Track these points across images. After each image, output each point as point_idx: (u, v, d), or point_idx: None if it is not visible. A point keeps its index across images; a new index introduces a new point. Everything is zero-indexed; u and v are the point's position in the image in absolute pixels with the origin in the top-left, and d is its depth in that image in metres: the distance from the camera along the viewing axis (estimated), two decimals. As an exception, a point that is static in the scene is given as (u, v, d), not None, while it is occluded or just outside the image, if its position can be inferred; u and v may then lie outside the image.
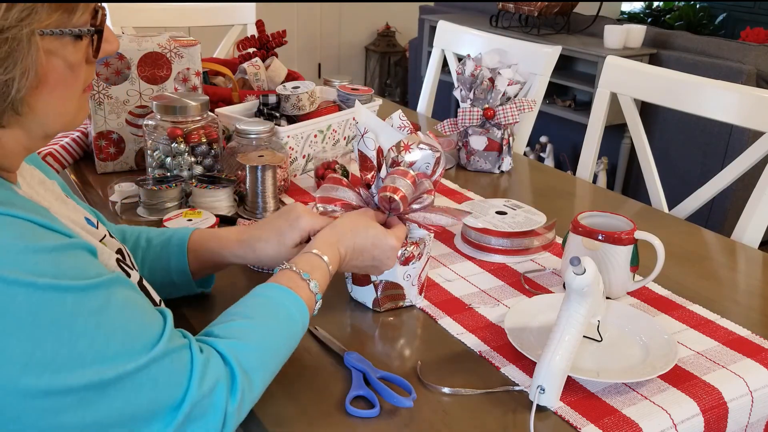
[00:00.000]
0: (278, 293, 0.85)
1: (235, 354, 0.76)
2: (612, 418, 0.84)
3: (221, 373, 0.74)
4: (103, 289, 0.68)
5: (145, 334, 0.70)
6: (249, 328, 0.80)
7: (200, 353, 0.74)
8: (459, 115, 1.65)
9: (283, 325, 0.83)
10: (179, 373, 0.71)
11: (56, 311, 0.64)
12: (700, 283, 1.18)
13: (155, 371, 0.69)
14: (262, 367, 0.79)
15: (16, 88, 0.66)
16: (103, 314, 0.67)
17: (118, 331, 0.67)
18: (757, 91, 1.48)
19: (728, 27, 5.75)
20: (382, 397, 0.86)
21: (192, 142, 1.38)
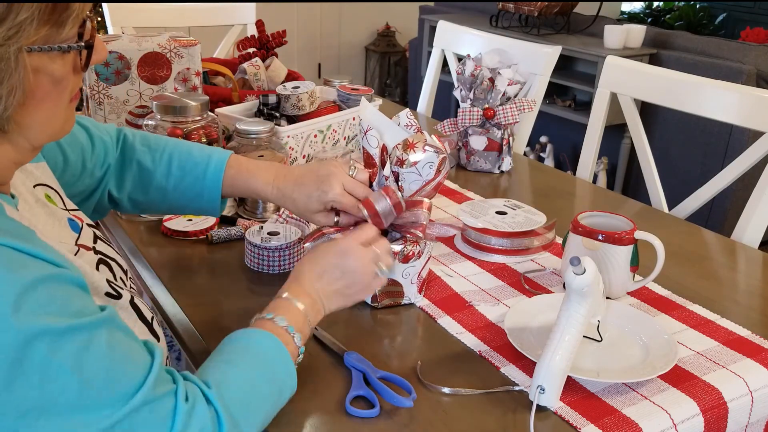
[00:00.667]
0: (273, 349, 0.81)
1: (223, 401, 0.72)
2: (612, 418, 0.84)
3: (207, 422, 0.70)
4: (84, 332, 0.64)
5: (126, 381, 0.66)
6: (237, 376, 0.77)
7: (185, 402, 0.70)
8: (459, 115, 1.65)
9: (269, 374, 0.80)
10: (160, 425, 0.67)
11: (30, 353, 0.60)
12: (700, 283, 1.18)
13: (133, 423, 0.65)
14: (250, 415, 0.75)
15: (3, 107, 0.65)
16: (80, 359, 0.62)
17: (96, 379, 0.63)
18: (757, 91, 1.48)
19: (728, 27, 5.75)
20: (382, 397, 0.86)
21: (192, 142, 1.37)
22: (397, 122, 1.04)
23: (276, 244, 1.15)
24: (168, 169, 1.05)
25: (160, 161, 1.05)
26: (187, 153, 1.07)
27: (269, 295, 1.11)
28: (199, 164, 1.06)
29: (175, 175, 1.05)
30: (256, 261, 1.16)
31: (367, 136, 1.02)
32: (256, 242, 1.15)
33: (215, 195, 1.06)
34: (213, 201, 1.06)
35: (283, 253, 1.15)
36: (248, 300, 1.10)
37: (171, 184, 1.05)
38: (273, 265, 1.16)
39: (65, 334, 0.62)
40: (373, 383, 0.88)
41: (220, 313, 1.06)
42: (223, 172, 1.05)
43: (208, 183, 1.05)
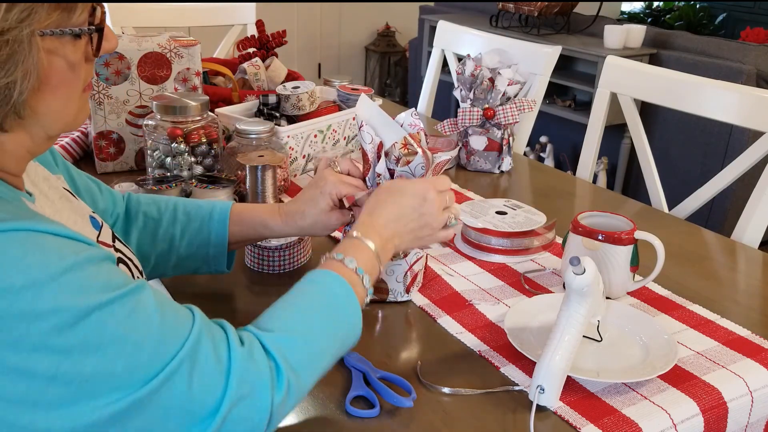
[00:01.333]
0: (339, 288, 0.81)
1: (280, 347, 0.73)
2: (612, 418, 0.84)
3: (263, 368, 0.70)
4: (130, 297, 0.66)
5: (176, 333, 0.68)
6: (297, 320, 0.77)
7: (240, 345, 0.71)
8: (459, 115, 1.65)
9: (334, 318, 0.80)
10: (213, 370, 0.68)
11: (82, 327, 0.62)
12: (700, 283, 1.18)
13: (189, 369, 0.66)
14: (310, 362, 0.75)
15: (18, 91, 0.65)
16: (132, 322, 0.65)
17: (148, 337, 0.65)
18: (757, 91, 1.48)
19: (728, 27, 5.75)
20: (382, 397, 0.86)
21: (192, 142, 1.38)
22: (401, 121, 1.04)
23: (276, 244, 1.15)
24: (174, 215, 1.05)
25: (166, 209, 1.05)
26: (192, 201, 1.08)
27: (269, 295, 1.11)
28: (204, 207, 1.06)
29: (181, 220, 1.04)
30: (256, 261, 1.16)
31: (361, 131, 1.03)
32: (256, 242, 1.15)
33: (223, 235, 1.03)
34: (221, 243, 1.03)
35: (283, 253, 1.15)
36: (248, 300, 1.10)
37: (178, 231, 1.04)
38: (273, 265, 1.16)
39: (113, 303, 0.64)
40: (373, 383, 0.88)
41: (220, 313, 1.05)
42: (229, 210, 1.04)
43: (215, 224, 1.03)
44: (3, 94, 0.65)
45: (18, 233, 0.61)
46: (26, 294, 0.59)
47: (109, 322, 0.63)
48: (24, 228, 0.62)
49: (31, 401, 0.60)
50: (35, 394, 0.60)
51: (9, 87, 0.65)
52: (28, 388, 0.60)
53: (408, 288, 1.08)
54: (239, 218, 1.05)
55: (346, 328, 0.80)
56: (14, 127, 0.69)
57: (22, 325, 0.59)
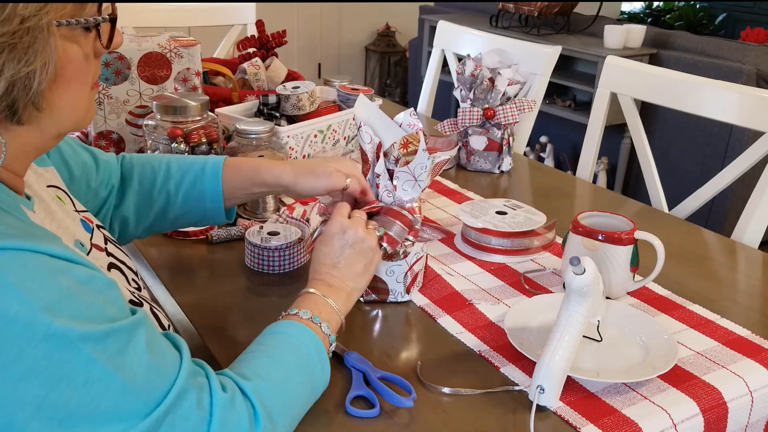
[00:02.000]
0: (300, 333, 0.83)
1: (259, 394, 0.73)
2: (612, 418, 0.84)
3: (243, 416, 0.70)
4: (123, 334, 0.65)
5: (164, 377, 0.67)
6: (271, 368, 0.78)
7: (222, 392, 0.70)
8: (459, 115, 1.65)
9: (303, 364, 0.81)
10: (196, 418, 0.67)
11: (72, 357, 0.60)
12: (700, 283, 1.18)
13: (172, 418, 0.66)
14: (285, 410, 0.76)
15: (38, 81, 0.65)
16: (122, 359, 0.63)
17: (137, 377, 0.64)
18: (757, 91, 1.48)
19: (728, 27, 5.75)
20: (382, 397, 0.86)
21: (192, 142, 1.38)
22: (399, 121, 1.04)
23: (276, 244, 1.15)
24: (167, 173, 1.06)
25: (159, 168, 1.06)
26: (186, 158, 1.08)
27: (269, 295, 1.11)
28: (198, 161, 1.07)
29: (175, 176, 1.06)
30: (256, 261, 1.16)
31: (360, 131, 1.03)
32: (256, 242, 1.15)
33: (216, 187, 1.05)
34: (216, 196, 1.05)
35: (283, 253, 1.15)
36: (248, 300, 1.10)
37: (172, 187, 1.05)
38: (273, 265, 1.16)
39: (106, 338, 0.63)
40: (373, 383, 0.88)
41: (220, 313, 1.06)
42: (222, 162, 1.06)
43: (207, 177, 1.05)
44: (23, 83, 0.65)
45: (17, 253, 0.60)
46: (21, 318, 0.58)
47: (100, 358, 0.62)
48: (24, 248, 0.61)
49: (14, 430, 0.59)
50: (19, 423, 0.59)
51: (29, 76, 0.65)
52: (12, 417, 0.59)
53: (408, 288, 1.08)
54: (232, 169, 1.06)
55: (316, 377, 0.82)
56: (30, 120, 0.68)
57: (14, 349, 0.58)
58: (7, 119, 0.67)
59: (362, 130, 1.02)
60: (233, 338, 0.99)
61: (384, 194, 1.03)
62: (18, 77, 0.64)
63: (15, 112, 0.66)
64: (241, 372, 0.76)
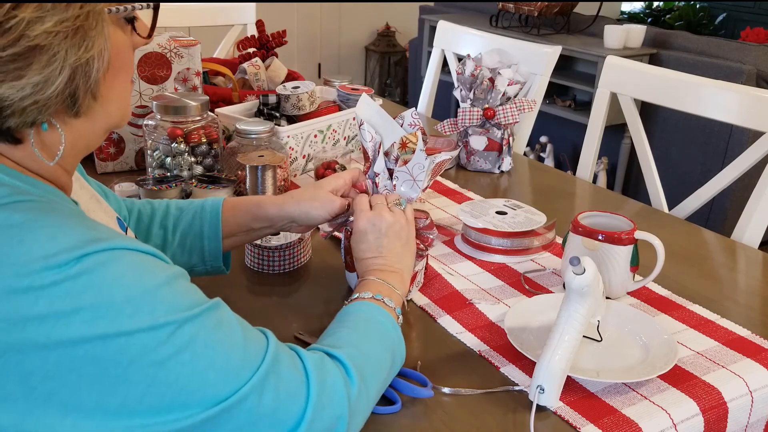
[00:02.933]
0: (368, 308, 0.87)
1: (351, 358, 0.77)
2: (611, 418, 0.84)
3: (337, 375, 0.73)
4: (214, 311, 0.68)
5: (256, 346, 0.70)
6: (356, 337, 0.81)
7: (312, 356, 0.74)
8: (459, 115, 1.65)
9: (382, 334, 0.84)
10: (295, 378, 0.70)
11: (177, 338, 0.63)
12: (700, 283, 1.18)
13: (274, 380, 0.68)
14: (375, 375, 0.79)
15: (96, 68, 0.65)
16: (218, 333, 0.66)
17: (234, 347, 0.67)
18: (757, 91, 1.48)
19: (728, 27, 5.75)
20: (400, 390, 0.86)
21: (192, 142, 1.38)
22: (400, 121, 1.04)
23: (276, 244, 1.15)
24: (166, 210, 1.06)
25: (159, 206, 1.07)
26: (185, 200, 1.09)
27: (269, 295, 1.11)
28: (197, 201, 1.07)
29: (173, 214, 1.05)
30: (256, 261, 1.16)
31: (361, 129, 1.03)
32: (256, 242, 1.15)
33: (216, 225, 1.03)
34: (214, 235, 1.03)
35: (283, 253, 1.15)
36: (248, 300, 1.10)
37: (170, 223, 1.04)
38: (273, 265, 1.16)
39: (202, 315, 0.66)
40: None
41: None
42: (221, 201, 1.05)
43: (207, 214, 1.03)
44: (84, 70, 0.65)
45: (115, 252, 0.63)
46: (126, 309, 0.61)
47: (200, 334, 0.65)
48: (120, 247, 0.63)
49: (127, 410, 0.62)
50: (132, 403, 0.62)
51: (89, 63, 0.65)
52: (125, 398, 0.61)
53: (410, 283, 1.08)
54: (232, 206, 1.05)
55: (395, 347, 0.85)
56: (87, 111, 0.68)
57: (120, 341, 0.60)
58: (67, 110, 0.66)
59: (363, 128, 1.03)
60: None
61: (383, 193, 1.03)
62: (79, 64, 0.64)
63: (75, 101, 0.66)
64: (327, 343, 0.79)
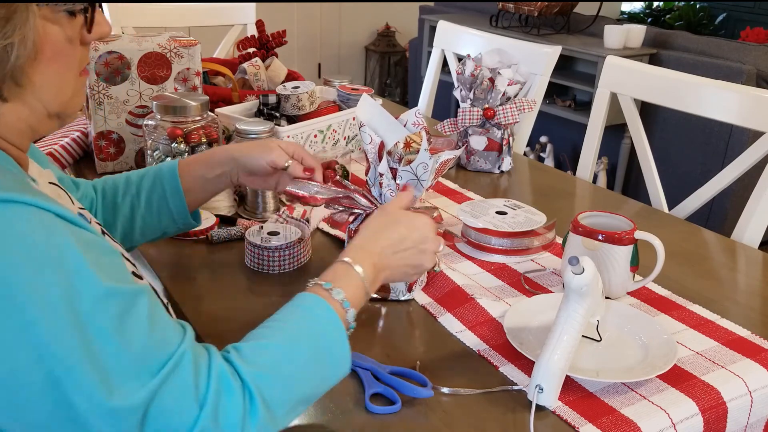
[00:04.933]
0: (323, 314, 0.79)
1: (258, 384, 0.71)
2: (611, 418, 0.84)
3: (238, 403, 0.69)
4: (127, 297, 0.66)
5: (162, 349, 0.67)
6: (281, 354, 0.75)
7: (219, 377, 0.69)
8: (459, 115, 1.65)
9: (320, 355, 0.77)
10: (189, 396, 0.67)
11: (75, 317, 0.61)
12: (700, 283, 1.18)
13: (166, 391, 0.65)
14: (286, 400, 0.73)
15: (15, 55, 0.67)
16: (118, 323, 0.64)
17: (133, 346, 0.64)
18: (757, 91, 1.48)
19: (728, 27, 5.75)
20: (400, 391, 0.86)
21: (192, 142, 1.38)
22: (404, 121, 1.04)
23: (276, 244, 1.15)
24: (128, 181, 1.09)
25: (119, 179, 1.10)
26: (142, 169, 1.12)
27: (269, 295, 1.11)
28: (153, 167, 1.10)
29: (134, 182, 1.09)
30: (256, 261, 1.16)
31: (362, 131, 1.03)
32: (256, 242, 1.15)
33: (175, 181, 1.07)
34: (176, 191, 1.06)
35: (283, 253, 1.15)
36: (248, 300, 1.10)
37: (134, 190, 1.08)
38: (273, 265, 1.16)
39: (108, 297, 0.64)
40: (385, 379, 0.88)
41: (220, 313, 1.06)
42: (177, 161, 1.09)
43: (165, 173, 1.07)
44: (0, 56, 0.67)
45: (24, 207, 0.62)
46: (26, 271, 0.60)
47: (98, 317, 0.63)
48: (31, 203, 0.63)
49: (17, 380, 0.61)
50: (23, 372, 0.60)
51: (6, 50, 0.67)
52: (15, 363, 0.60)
53: (410, 287, 1.08)
54: (187, 162, 1.09)
55: (331, 365, 0.78)
56: (13, 96, 0.71)
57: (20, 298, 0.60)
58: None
59: (363, 130, 1.02)
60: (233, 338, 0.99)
61: (387, 193, 1.03)
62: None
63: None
64: (246, 356, 0.73)
